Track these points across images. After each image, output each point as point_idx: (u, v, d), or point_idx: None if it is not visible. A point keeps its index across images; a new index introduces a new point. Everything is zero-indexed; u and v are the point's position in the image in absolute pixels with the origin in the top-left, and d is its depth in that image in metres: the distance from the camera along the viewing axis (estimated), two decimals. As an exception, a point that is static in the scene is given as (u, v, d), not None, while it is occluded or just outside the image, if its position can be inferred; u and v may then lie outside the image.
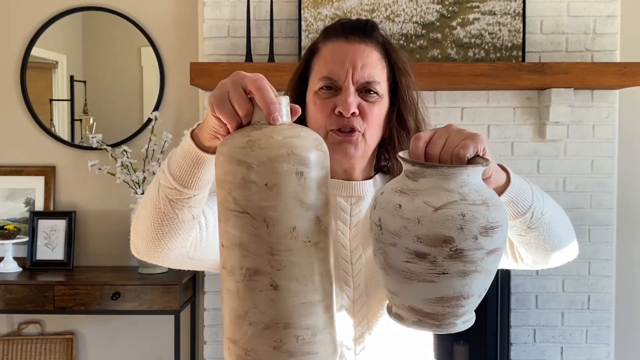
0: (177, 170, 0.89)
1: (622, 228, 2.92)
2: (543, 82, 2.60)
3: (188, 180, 0.89)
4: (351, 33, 1.13)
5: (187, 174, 0.88)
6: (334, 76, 1.10)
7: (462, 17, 2.74)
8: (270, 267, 0.70)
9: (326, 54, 1.14)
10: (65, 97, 3.02)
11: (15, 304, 2.68)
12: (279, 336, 0.70)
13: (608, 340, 2.81)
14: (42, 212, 2.97)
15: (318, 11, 2.73)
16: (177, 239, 0.94)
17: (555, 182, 2.81)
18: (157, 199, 0.91)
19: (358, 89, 1.11)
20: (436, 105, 2.79)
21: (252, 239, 0.71)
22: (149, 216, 0.93)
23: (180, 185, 0.89)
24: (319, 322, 0.72)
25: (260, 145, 0.72)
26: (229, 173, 0.73)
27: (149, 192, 0.94)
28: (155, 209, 0.92)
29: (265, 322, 0.71)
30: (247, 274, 0.71)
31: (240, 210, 0.71)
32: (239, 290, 0.72)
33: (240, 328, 0.72)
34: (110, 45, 3.01)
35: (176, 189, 0.89)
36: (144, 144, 2.87)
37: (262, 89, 0.76)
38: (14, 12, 3.01)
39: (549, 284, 2.81)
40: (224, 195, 0.74)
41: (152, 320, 3.03)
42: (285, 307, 0.71)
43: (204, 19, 2.81)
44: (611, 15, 2.78)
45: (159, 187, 0.91)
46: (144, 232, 0.94)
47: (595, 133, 2.80)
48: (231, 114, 0.77)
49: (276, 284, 0.70)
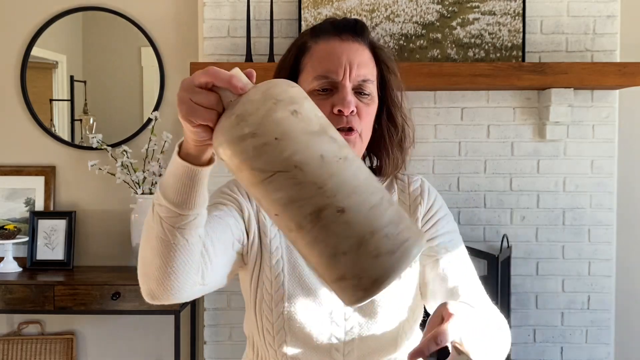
0: (176, 196, 0.87)
1: (622, 228, 2.92)
2: (543, 82, 2.60)
3: (190, 202, 0.88)
4: (343, 32, 1.13)
5: (188, 195, 0.87)
6: (331, 75, 1.10)
7: (462, 17, 2.74)
8: (327, 198, 0.73)
9: (320, 53, 1.13)
10: (65, 97, 3.02)
11: (15, 304, 2.68)
12: (373, 245, 0.72)
13: (608, 340, 2.82)
14: (42, 212, 2.97)
15: (318, 11, 2.73)
16: (190, 265, 0.93)
17: (555, 182, 2.81)
18: (163, 233, 0.89)
19: (353, 89, 1.12)
20: (436, 105, 2.79)
21: (297, 188, 0.73)
22: (158, 254, 0.91)
23: (183, 209, 0.88)
24: (392, 214, 0.75)
25: (247, 112, 0.74)
26: (240, 153, 0.74)
27: (150, 232, 0.91)
28: (163, 243, 0.90)
29: (355, 243, 0.72)
30: (314, 218, 0.73)
31: (270, 173, 0.73)
32: (316, 236, 0.74)
33: (339, 263, 0.73)
34: (110, 45, 3.01)
35: (180, 214, 0.88)
36: (144, 144, 2.87)
37: (214, 73, 0.76)
38: (14, 12, 3.01)
39: (549, 284, 2.81)
40: (249, 174, 0.75)
41: (152, 320, 3.03)
42: (360, 220, 0.73)
43: (204, 19, 2.81)
44: (611, 16, 2.78)
45: (160, 222, 0.89)
46: (157, 272, 0.93)
47: (595, 133, 2.80)
48: (206, 113, 0.77)
49: (341, 208, 0.73)
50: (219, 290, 3.17)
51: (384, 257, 0.72)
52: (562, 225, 2.81)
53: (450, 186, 2.79)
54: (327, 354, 1.14)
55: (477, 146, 2.81)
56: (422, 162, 2.79)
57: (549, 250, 2.81)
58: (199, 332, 2.97)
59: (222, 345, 2.83)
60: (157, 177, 2.79)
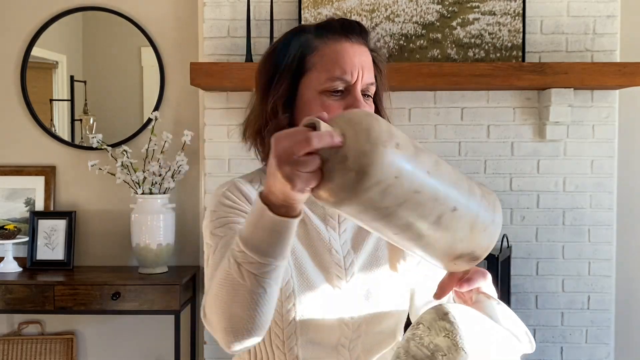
0: (270, 248, 0.87)
1: (622, 228, 2.92)
2: (543, 82, 2.60)
3: (284, 251, 0.88)
4: (351, 34, 1.14)
5: (282, 245, 0.87)
6: (346, 76, 1.11)
7: (462, 17, 2.74)
8: (442, 205, 0.83)
9: (332, 54, 1.12)
10: (66, 97, 3.02)
11: (15, 304, 2.68)
12: (480, 224, 0.88)
13: (608, 340, 2.82)
14: (42, 212, 2.97)
15: (318, 11, 2.73)
16: (274, 307, 0.94)
17: (555, 182, 2.81)
18: (257, 287, 0.89)
19: (361, 91, 1.13)
20: (436, 105, 2.79)
21: (419, 209, 0.82)
22: (248, 307, 0.90)
23: (278, 259, 0.88)
24: (476, 188, 0.89)
25: (364, 164, 0.78)
26: (365, 201, 0.79)
27: (238, 288, 0.90)
28: (258, 296, 0.89)
29: (468, 228, 0.87)
30: (435, 225, 0.84)
31: (395, 207, 0.81)
32: (439, 237, 0.86)
33: (457, 248, 0.88)
34: (110, 45, 3.01)
35: (276, 265, 0.88)
36: (144, 144, 2.87)
37: (314, 141, 0.77)
38: (14, 12, 3.01)
39: (549, 284, 2.81)
40: (374, 214, 0.81)
41: (152, 320, 3.03)
42: (467, 208, 0.86)
43: (204, 19, 2.81)
44: (611, 16, 2.78)
45: (254, 278, 0.88)
46: (247, 323, 0.91)
47: (595, 133, 2.80)
48: (311, 177, 0.80)
49: (453, 207, 0.84)
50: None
51: (489, 227, 0.89)
52: (562, 225, 2.81)
53: (450, 186, 2.79)
54: (335, 351, 1.16)
55: (477, 146, 2.81)
56: (422, 162, 2.79)
57: (549, 250, 2.81)
58: (199, 332, 2.97)
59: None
60: (157, 177, 2.79)
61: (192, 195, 3.00)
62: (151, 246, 2.76)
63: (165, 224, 2.79)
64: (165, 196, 2.81)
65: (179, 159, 2.81)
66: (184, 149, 2.84)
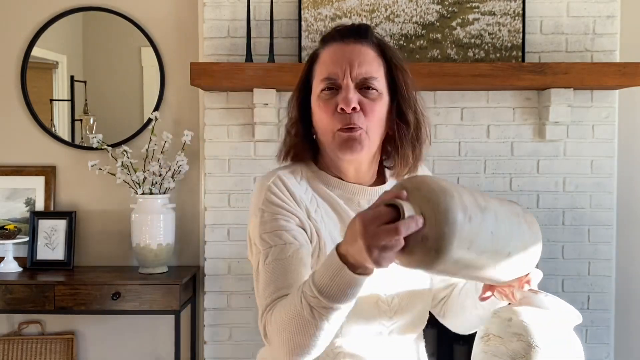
0: (345, 298, 0.96)
1: (622, 228, 2.92)
2: (543, 82, 2.61)
3: (354, 298, 0.98)
4: (346, 36, 1.20)
5: (353, 295, 0.97)
6: (333, 76, 1.16)
7: (461, 17, 2.74)
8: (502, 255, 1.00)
9: (325, 58, 1.20)
10: (66, 97, 3.03)
11: (15, 304, 2.68)
12: (529, 256, 1.05)
13: (608, 340, 2.82)
14: (42, 212, 2.97)
15: (318, 11, 2.73)
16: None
17: (555, 182, 2.81)
18: (325, 323, 0.99)
19: (357, 86, 1.17)
20: (436, 105, 2.79)
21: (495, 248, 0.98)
22: (314, 339, 1.01)
23: (349, 305, 0.99)
24: (525, 232, 1.04)
25: (444, 246, 0.90)
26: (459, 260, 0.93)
27: (309, 328, 1.00)
28: (321, 331, 1.00)
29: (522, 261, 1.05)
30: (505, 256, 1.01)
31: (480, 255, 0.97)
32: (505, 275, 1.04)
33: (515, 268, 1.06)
34: (111, 45, 3.01)
35: (344, 308, 0.99)
36: (144, 144, 2.87)
37: (401, 232, 0.87)
38: (14, 12, 3.01)
39: (548, 284, 2.81)
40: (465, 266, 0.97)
41: (152, 320, 3.03)
42: (522, 249, 1.03)
43: (204, 19, 2.81)
44: (611, 16, 2.78)
45: (326, 320, 0.99)
46: (311, 349, 1.03)
47: (594, 133, 2.80)
48: (395, 255, 0.90)
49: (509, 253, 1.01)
50: (219, 290, 3.16)
51: (536, 252, 1.06)
52: (562, 225, 2.81)
53: (450, 186, 2.79)
54: (375, 337, 1.21)
55: (477, 146, 2.81)
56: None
57: (548, 250, 2.81)
58: (199, 332, 2.97)
59: (222, 345, 2.83)
60: (157, 177, 2.79)
61: (192, 195, 3.00)
62: (151, 246, 2.76)
63: (165, 224, 2.79)
64: (165, 196, 2.81)
65: (179, 159, 2.81)
66: (184, 149, 2.84)
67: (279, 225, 1.15)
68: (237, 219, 2.81)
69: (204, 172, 2.84)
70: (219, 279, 2.82)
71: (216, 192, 2.82)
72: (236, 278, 2.81)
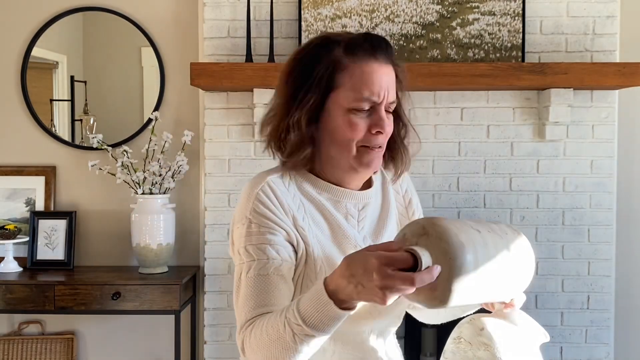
0: (325, 327, 1.00)
1: (622, 228, 2.93)
2: (542, 82, 2.61)
3: (335, 328, 1.01)
4: (379, 53, 1.20)
5: (335, 326, 1.00)
6: (373, 97, 1.18)
7: (461, 17, 2.74)
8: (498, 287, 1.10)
9: (361, 75, 1.18)
10: (66, 97, 3.03)
11: (15, 304, 2.68)
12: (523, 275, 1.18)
13: (607, 340, 2.82)
14: (42, 212, 2.97)
15: (318, 12, 2.74)
16: None
17: (554, 182, 2.81)
18: (306, 347, 1.03)
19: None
20: (436, 105, 2.80)
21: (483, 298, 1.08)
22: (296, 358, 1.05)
23: (329, 333, 1.02)
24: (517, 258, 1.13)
25: (450, 297, 0.95)
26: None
27: (284, 349, 1.03)
28: (301, 354, 1.04)
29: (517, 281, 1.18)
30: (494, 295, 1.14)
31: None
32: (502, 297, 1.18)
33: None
34: (111, 45, 3.01)
35: (325, 336, 1.02)
36: (144, 144, 2.87)
37: (416, 283, 0.90)
38: (14, 13, 3.01)
39: (548, 284, 2.81)
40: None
41: (152, 320, 3.03)
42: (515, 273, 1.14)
43: (204, 19, 2.81)
44: (610, 16, 2.78)
45: (307, 343, 1.02)
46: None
47: (594, 133, 2.80)
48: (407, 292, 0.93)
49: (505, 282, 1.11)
50: (219, 290, 3.16)
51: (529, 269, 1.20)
52: (562, 225, 2.81)
53: (450, 186, 2.79)
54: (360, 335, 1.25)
55: (477, 146, 2.81)
56: (422, 162, 2.79)
57: (548, 250, 2.81)
58: (199, 332, 2.97)
59: (222, 345, 2.84)
60: (157, 177, 2.79)
61: (192, 195, 3.00)
62: (151, 246, 2.76)
63: (165, 224, 2.79)
64: (165, 196, 2.81)
65: (179, 159, 2.81)
66: (184, 149, 2.84)
67: (265, 239, 1.15)
68: (237, 219, 2.81)
69: (204, 172, 2.84)
70: (219, 279, 2.82)
71: (216, 192, 2.82)
72: (236, 278, 2.80)
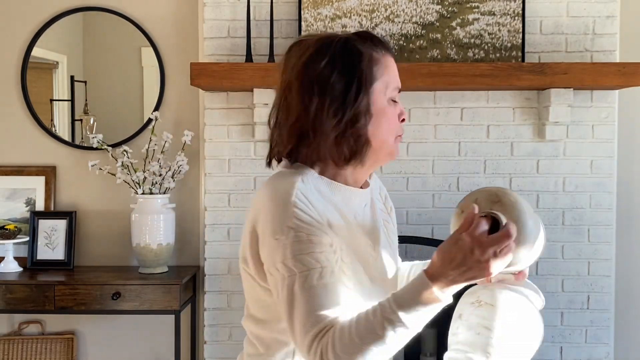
0: (420, 322, 1.05)
1: (622, 228, 2.93)
2: (542, 82, 2.61)
3: (430, 317, 1.06)
4: (390, 50, 1.27)
5: (432, 314, 1.06)
6: (399, 86, 1.26)
7: (461, 17, 2.74)
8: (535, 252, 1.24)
9: (391, 67, 1.24)
10: (66, 97, 3.03)
11: (15, 304, 2.68)
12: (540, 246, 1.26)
13: (607, 340, 2.82)
14: (42, 212, 2.98)
15: (318, 12, 2.74)
16: None
17: (554, 182, 2.81)
18: (400, 343, 1.06)
19: None
20: (436, 105, 2.80)
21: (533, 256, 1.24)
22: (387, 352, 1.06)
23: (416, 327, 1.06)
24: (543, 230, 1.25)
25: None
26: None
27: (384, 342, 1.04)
28: (394, 349, 1.07)
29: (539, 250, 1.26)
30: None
31: None
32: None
33: None
34: (111, 45, 3.01)
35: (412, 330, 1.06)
36: (144, 144, 2.88)
37: (511, 234, 1.00)
38: (14, 13, 3.01)
39: (548, 284, 2.81)
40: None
41: (152, 320, 3.04)
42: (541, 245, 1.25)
43: (204, 19, 2.81)
44: (610, 16, 2.78)
45: (402, 340, 1.06)
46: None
47: (594, 133, 2.80)
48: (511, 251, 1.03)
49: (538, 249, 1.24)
50: (219, 290, 3.16)
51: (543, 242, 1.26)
52: (562, 225, 2.81)
53: (450, 186, 2.79)
54: None
55: (477, 146, 2.81)
56: (422, 162, 2.79)
57: (548, 250, 2.81)
58: (199, 332, 2.97)
59: (222, 345, 2.84)
60: (157, 177, 2.79)
61: (192, 195, 3.00)
62: (151, 246, 2.76)
63: (165, 224, 2.79)
64: (165, 196, 2.81)
65: (179, 159, 2.81)
66: (184, 149, 2.84)
67: (314, 247, 1.09)
68: (237, 219, 2.81)
69: (204, 172, 2.84)
70: (218, 279, 2.83)
71: (216, 192, 2.82)
72: (236, 278, 2.80)
